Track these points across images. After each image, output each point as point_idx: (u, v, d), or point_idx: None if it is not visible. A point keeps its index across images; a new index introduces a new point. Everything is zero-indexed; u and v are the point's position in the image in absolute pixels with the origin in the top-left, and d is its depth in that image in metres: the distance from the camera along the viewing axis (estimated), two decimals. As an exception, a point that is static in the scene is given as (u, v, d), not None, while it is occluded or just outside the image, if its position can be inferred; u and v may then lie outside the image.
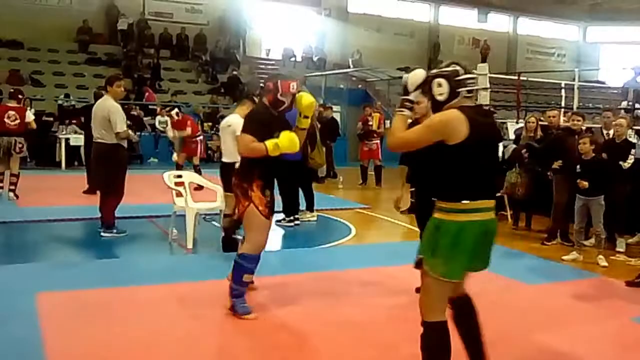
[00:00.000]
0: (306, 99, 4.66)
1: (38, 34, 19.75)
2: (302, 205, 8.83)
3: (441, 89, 3.18)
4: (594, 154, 6.82)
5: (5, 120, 9.35)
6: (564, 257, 7.01)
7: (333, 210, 9.69)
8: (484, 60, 25.22)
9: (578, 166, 6.86)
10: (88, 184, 9.83)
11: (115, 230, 7.36)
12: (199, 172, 10.22)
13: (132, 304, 4.86)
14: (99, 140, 7.17)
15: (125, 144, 7.35)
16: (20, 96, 9.97)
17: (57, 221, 8.00)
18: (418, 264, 3.26)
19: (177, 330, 4.35)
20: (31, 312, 4.52)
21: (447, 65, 3.24)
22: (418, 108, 4.77)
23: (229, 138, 6.55)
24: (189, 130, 11.31)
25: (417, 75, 3.30)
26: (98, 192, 7.63)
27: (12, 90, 10.52)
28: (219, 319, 4.59)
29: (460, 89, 3.17)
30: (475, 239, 3.15)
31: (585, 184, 6.70)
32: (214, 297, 5.10)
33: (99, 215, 7.36)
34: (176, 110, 11.66)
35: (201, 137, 11.84)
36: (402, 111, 3.30)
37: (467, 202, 3.11)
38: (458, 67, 3.19)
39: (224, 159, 6.77)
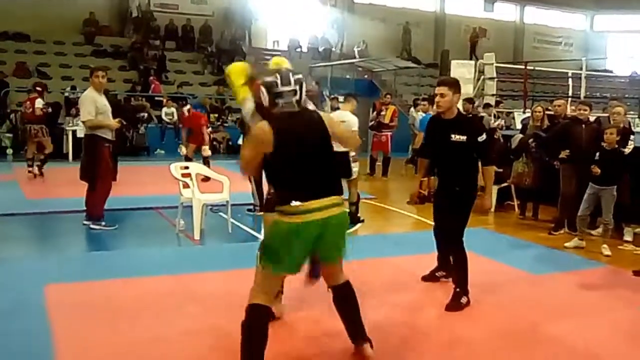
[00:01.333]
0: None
1: (44, 26, 19.74)
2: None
3: (263, 96, 3.48)
4: (616, 145, 6.77)
5: (25, 110, 11.11)
6: (566, 244, 7.04)
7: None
8: (472, 49, 25.11)
9: (597, 154, 6.77)
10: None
11: (103, 223, 7.28)
12: (207, 164, 10.22)
13: (140, 296, 4.88)
14: (85, 132, 7.22)
15: (106, 134, 7.18)
16: (38, 88, 11.34)
17: (64, 213, 8.01)
18: None
19: (185, 321, 4.36)
20: (40, 304, 4.55)
21: (269, 74, 3.52)
22: (442, 102, 4.79)
23: None
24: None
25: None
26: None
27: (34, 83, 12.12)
28: (227, 310, 4.60)
29: (278, 100, 3.43)
30: (308, 238, 3.34)
31: (598, 170, 6.66)
32: (222, 288, 5.12)
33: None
34: (189, 107, 11.72)
35: (210, 129, 11.83)
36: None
37: (297, 203, 3.29)
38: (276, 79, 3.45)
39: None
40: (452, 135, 4.82)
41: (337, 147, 3.67)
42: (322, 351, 4.00)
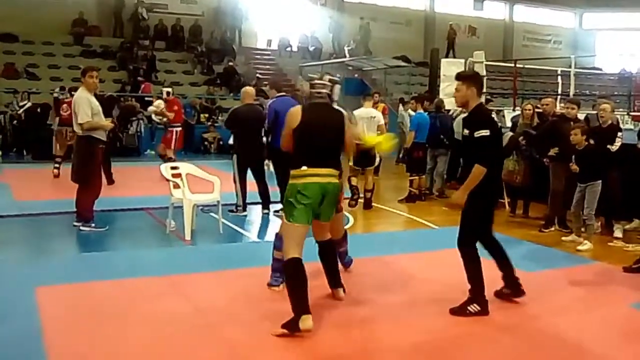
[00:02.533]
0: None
1: (33, 26, 19.63)
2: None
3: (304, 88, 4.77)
4: (586, 143, 6.87)
5: (61, 112, 11.43)
6: (564, 238, 7.14)
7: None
8: (449, 47, 25.20)
9: (573, 156, 6.93)
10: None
11: (93, 224, 7.24)
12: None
13: (131, 297, 4.86)
14: (76, 134, 7.18)
15: (101, 135, 7.19)
16: (74, 93, 11.07)
17: (54, 214, 7.97)
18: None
19: (176, 322, 4.35)
20: (31, 307, 4.52)
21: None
22: (457, 96, 4.81)
23: (374, 127, 8.69)
24: (170, 115, 11.23)
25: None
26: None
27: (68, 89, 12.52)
28: (218, 310, 4.60)
29: (313, 91, 4.59)
30: (313, 196, 4.34)
31: (576, 167, 6.85)
32: (213, 288, 5.12)
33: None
34: (167, 90, 11.64)
35: (179, 129, 11.49)
36: None
37: (305, 168, 4.36)
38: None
39: None
40: (464, 130, 4.81)
41: None
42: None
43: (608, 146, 7.19)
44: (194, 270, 5.63)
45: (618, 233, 7.53)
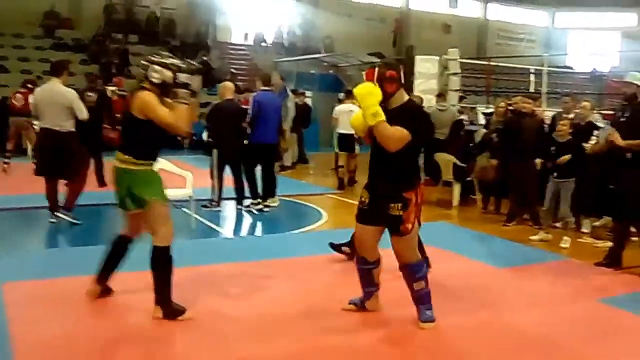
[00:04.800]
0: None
1: (2, 18, 19.26)
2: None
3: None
4: (570, 137, 6.90)
5: (13, 101, 11.44)
6: (532, 237, 7.16)
7: (304, 196, 9.68)
8: (395, 41, 25.38)
9: (553, 148, 6.94)
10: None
11: (71, 214, 7.24)
12: None
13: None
14: (58, 129, 7.01)
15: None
16: (29, 85, 11.70)
17: (24, 209, 7.85)
18: None
19: (145, 317, 4.30)
20: (-3, 302, 4.45)
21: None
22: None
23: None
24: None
25: None
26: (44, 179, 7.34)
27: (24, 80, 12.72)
28: (190, 304, 4.56)
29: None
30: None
31: (567, 157, 6.79)
32: (185, 283, 5.07)
33: (49, 201, 7.25)
34: (113, 89, 10.79)
35: None
36: None
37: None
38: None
39: (343, 131, 10.35)
40: None
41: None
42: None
43: (583, 144, 7.29)
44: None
45: (586, 228, 7.63)
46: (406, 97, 4.22)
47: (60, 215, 7.19)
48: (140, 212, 4.29)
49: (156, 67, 4.13)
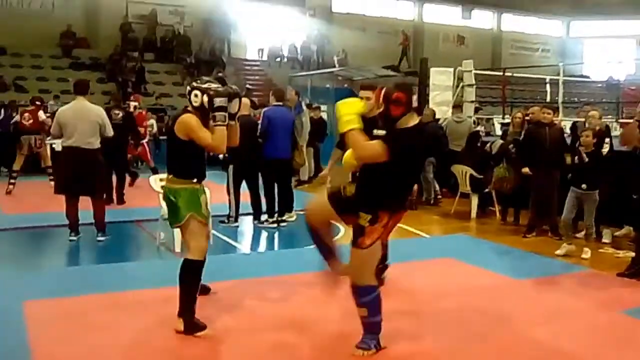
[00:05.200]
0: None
1: (21, 39, 19.57)
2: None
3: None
4: (593, 148, 6.80)
5: (22, 120, 10.99)
6: (557, 252, 6.95)
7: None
8: (403, 53, 25.35)
9: (575, 158, 6.85)
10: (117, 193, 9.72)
11: (107, 234, 7.32)
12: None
13: (121, 310, 4.81)
14: (87, 147, 7.05)
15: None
16: (37, 102, 11.48)
17: (43, 228, 7.91)
18: None
19: (166, 334, 4.31)
20: (19, 321, 4.47)
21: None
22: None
23: None
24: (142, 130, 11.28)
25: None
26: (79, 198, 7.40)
27: (32, 97, 12.23)
28: (210, 322, 4.55)
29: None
30: None
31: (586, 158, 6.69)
32: (203, 300, 5.07)
33: (93, 221, 7.27)
34: (135, 104, 11.08)
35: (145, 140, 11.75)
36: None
37: None
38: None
39: None
40: None
41: None
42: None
43: (600, 151, 7.21)
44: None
45: (606, 238, 7.55)
46: (414, 121, 3.91)
47: (100, 238, 7.23)
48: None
49: (196, 92, 4.40)
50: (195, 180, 4.53)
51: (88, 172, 7.10)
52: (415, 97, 3.94)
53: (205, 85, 4.46)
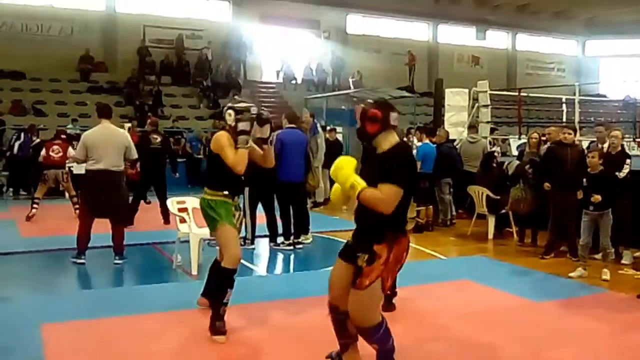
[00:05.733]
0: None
1: (40, 64, 19.88)
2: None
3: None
4: (601, 167, 6.78)
5: (51, 154, 10.75)
6: (571, 274, 6.91)
7: (337, 232, 9.65)
8: (411, 73, 25.40)
9: (585, 180, 6.82)
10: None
11: (125, 257, 7.36)
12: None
13: (138, 333, 4.82)
14: (115, 169, 7.14)
15: None
16: (63, 136, 11.40)
17: (61, 250, 7.96)
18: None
19: (185, 358, 4.30)
20: (37, 344, 4.49)
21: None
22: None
23: None
24: None
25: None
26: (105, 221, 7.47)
27: (56, 131, 12.15)
28: (228, 345, 4.55)
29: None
30: None
31: (599, 197, 6.62)
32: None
33: (112, 244, 7.31)
34: (129, 125, 11.64)
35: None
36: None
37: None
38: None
39: None
40: None
41: None
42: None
43: (616, 173, 7.17)
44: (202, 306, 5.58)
45: (626, 260, 7.47)
46: (395, 141, 3.70)
47: (118, 262, 7.26)
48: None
49: (230, 111, 4.69)
50: (226, 193, 4.76)
51: (117, 194, 7.20)
52: (395, 116, 3.70)
53: (238, 106, 4.69)
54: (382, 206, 3.52)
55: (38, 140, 14.92)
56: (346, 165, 3.68)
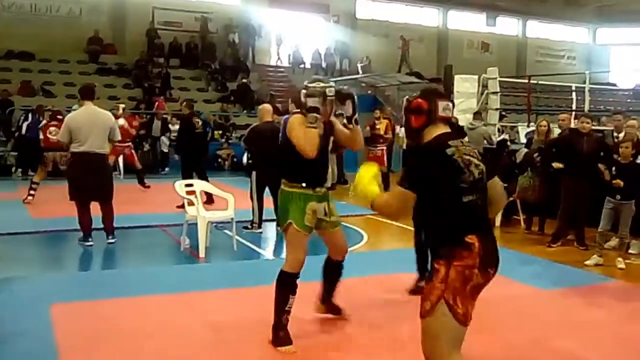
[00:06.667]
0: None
1: (49, 45, 19.91)
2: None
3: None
4: (632, 158, 6.73)
5: (49, 136, 10.53)
6: (587, 263, 6.85)
7: (344, 217, 9.62)
8: (402, 59, 25.20)
9: (613, 169, 6.77)
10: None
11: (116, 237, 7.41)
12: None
13: (145, 315, 4.86)
14: (100, 151, 7.09)
15: None
16: (59, 116, 11.13)
17: (69, 231, 8.01)
18: None
19: (191, 340, 4.34)
20: (46, 324, 4.54)
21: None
22: None
23: None
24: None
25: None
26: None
27: (51, 112, 12.03)
28: (233, 328, 4.58)
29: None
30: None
31: (621, 182, 6.60)
32: (228, 305, 5.10)
33: (103, 224, 7.34)
34: (122, 106, 12.01)
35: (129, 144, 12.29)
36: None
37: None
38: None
39: None
40: None
41: None
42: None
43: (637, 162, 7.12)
44: (209, 288, 5.62)
45: (634, 249, 7.45)
46: (434, 134, 3.03)
47: (112, 241, 7.31)
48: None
49: (303, 91, 4.23)
50: (304, 185, 4.23)
51: (103, 177, 7.19)
52: (445, 104, 3.07)
53: (310, 85, 4.21)
54: (393, 215, 3.18)
55: (45, 121, 14.96)
56: (359, 181, 3.18)
